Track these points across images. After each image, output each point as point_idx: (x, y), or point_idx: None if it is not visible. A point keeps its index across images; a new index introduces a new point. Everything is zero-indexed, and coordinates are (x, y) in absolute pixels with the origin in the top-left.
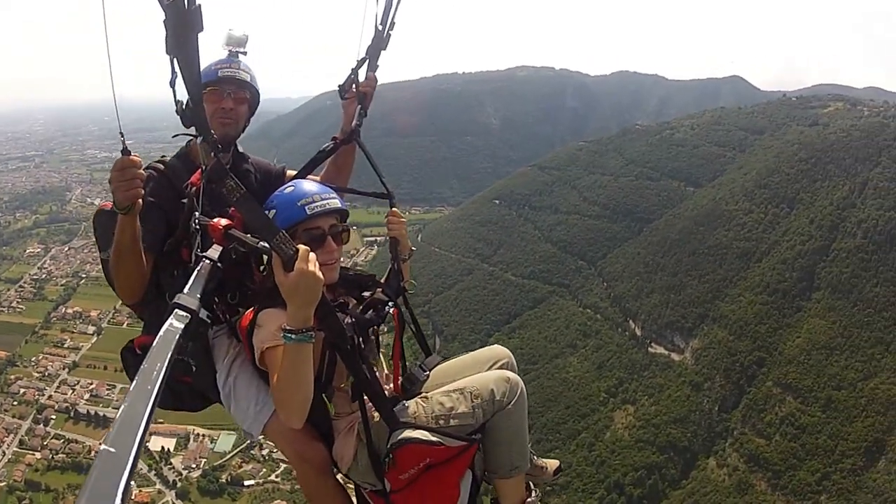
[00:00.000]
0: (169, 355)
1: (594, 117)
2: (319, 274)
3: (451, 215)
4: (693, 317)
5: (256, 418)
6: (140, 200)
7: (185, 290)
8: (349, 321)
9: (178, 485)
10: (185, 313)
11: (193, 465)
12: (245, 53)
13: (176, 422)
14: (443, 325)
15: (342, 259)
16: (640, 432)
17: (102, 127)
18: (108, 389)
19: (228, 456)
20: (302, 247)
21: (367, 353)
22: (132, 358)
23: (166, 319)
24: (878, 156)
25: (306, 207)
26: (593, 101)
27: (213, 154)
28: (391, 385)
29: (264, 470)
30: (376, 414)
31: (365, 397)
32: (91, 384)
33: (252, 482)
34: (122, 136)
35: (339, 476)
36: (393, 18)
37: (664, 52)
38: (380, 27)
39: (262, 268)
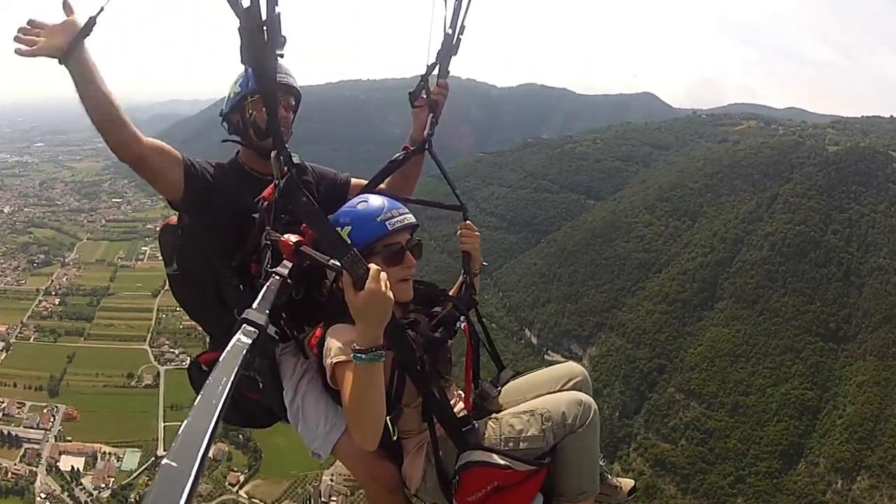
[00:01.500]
0: (235, 370)
1: (498, 129)
2: (390, 294)
3: None
4: (590, 325)
5: (326, 438)
6: (75, 43)
7: (255, 305)
8: (419, 340)
9: None
10: (253, 328)
11: (103, 485)
12: (283, 56)
13: (82, 440)
14: None
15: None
16: None
17: (15, 128)
18: (18, 407)
19: (135, 474)
20: (373, 266)
21: (437, 372)
22: (198, 374)
23: (234, 334)
24: (790, 172)
25: (387, 223)
26: (498, 113)
27: (287, 169)
28: (462, 402)
29: None
30: (446, 434)
31: (434, 417)
32: (2, 402)
33: None
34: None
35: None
36: (463, 22)
37: (574, 66)
38: (449, 31)
39: (331, 283)
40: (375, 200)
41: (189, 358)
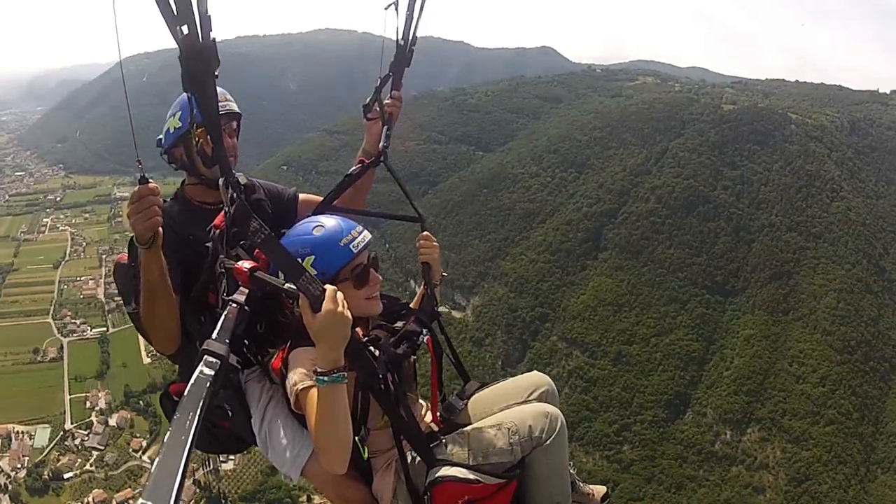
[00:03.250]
0: (201, 404)
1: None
2: (348, 314)
3: None
4: (473, 275)
5: (294, 462)
6: (161, 230)
7: (214, 335)
8: (382, 358)
9: (10, 487)
10: (214, 359)
11: (19, 465)
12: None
13: None
14: None
15: None
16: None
17: None
18: None
19: (46, 451)
20: (329, 287)
21: (401, 390)
22: (170, 404)
23: (196, 366)
24: (681, 128)
25: (350, 246)
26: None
27: (235, 195)
28: (429, 415)
29: (80, 461)
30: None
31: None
32: None
33: (70, 474)
34: (140, 164)
35: None
36: (415, 33)
37: (473, 19)
38: (401, 42)
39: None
40: (331, 223)
41: (89, 328)
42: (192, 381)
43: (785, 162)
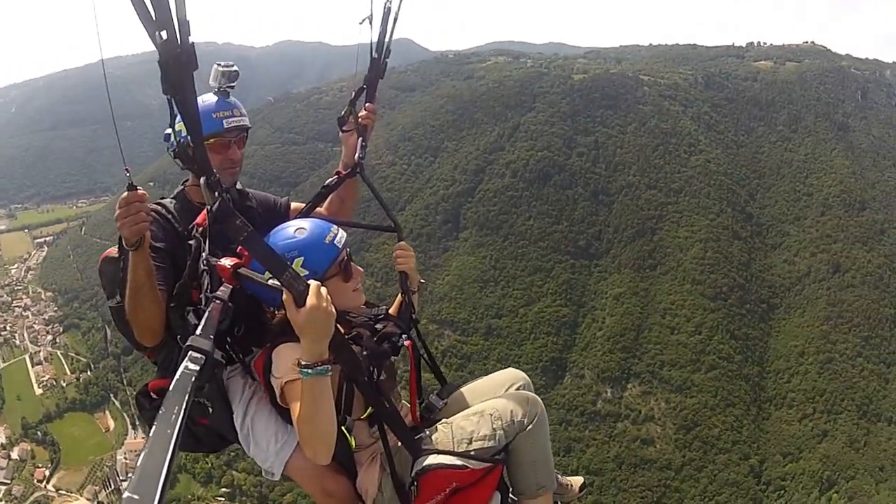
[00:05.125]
0: (186, 398)
1: (255, 89)
2: (332, 308)
3: (110, 204)
4: None
5: (277, 457)
6: (148, 234)
7: (198, 331)
8: (364, 353)
9: None
10: (199, 355)
11: None
12: (234, 87)
13: None
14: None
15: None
16: None
17: None
18: None
19: None
20: (313, 282)
21: (384, 384)
22: (147, 401)
23: (180, 362)
24: (532, 102)
25: (335, 242)
26: (255, 74)
27: (217, 194)
28: (409, 416)
29: None
30: (398, 443)
31: (385, 427)
32: None
33: None
34: (128, 172)
35: None
36: (389, 46)
37: (329, 18)
38: (375, 55)
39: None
40: (310, 224)
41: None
42: (177, 375)
43: (639, 123)
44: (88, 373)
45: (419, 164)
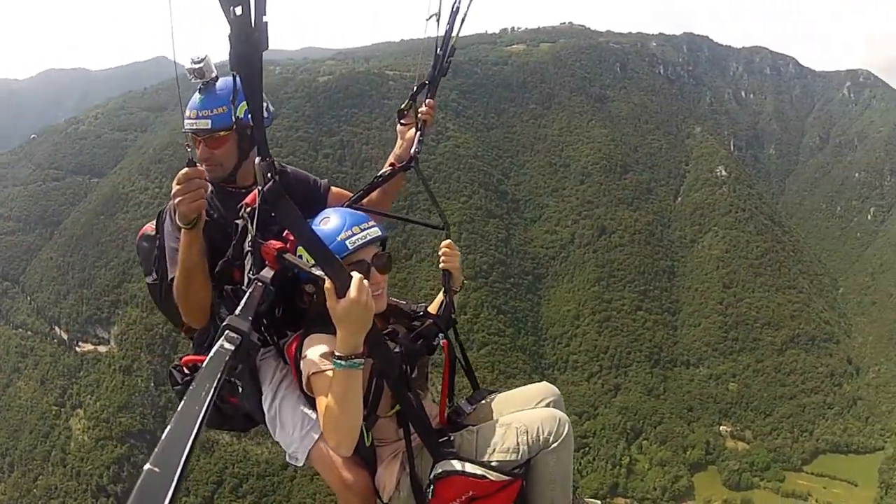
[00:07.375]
0: (218, 376)
1: (21, 125)
2: (372, 302)
3: None
4: (107, 305)
5: (302, 443)
6: (204, 213)
7: (237, 311)
8: (398, 350)
9: None
10: (236, 335)
11: None
12: (215, 78)
13: None
14: None
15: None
16: (97, 432)
17: None
18: None
19: None
20: (356, 274)
21: (415, 383)
22: (180, 376)
23: (217, 340)
24: (277, 109)
25: (347, 242)
26: (21, 108)
27: (269, 175)
28: (437, 417)
29: None
30: (421, 443)
31: (410, 426)
32: None
33: None
34: (189, 147)
35: None
36: (454, 44)
37: (87, 42)
38: (439, 52)
39: (313, 290)
40: (336, 217)
41: None
42: (211, 353)
43: (385, 118)
44: None
45: (170, 186)
